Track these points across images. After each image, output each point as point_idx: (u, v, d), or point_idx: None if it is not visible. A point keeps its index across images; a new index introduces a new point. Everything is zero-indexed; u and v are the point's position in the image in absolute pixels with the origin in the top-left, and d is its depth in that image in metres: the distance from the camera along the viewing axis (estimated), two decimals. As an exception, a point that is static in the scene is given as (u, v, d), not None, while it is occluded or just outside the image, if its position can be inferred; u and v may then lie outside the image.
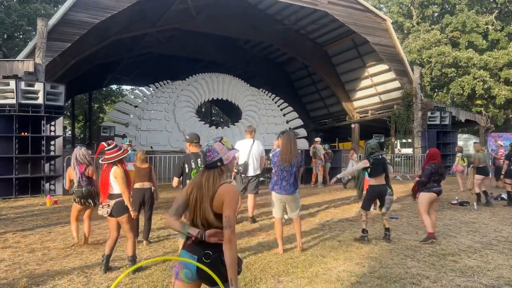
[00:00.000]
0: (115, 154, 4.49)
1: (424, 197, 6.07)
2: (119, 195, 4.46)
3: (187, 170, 4.71)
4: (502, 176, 9.70)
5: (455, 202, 9.62)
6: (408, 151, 23.69)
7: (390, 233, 6.06)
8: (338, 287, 4.10)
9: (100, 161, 4.67)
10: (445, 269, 4.69)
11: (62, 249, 5.56)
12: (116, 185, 4.46)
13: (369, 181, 9.14)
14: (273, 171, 5.56)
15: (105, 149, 4.53)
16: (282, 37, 20.58)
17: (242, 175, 7.16)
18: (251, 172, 7.26)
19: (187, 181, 4.59)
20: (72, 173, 5.64)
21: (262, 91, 20.93)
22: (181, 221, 2.38)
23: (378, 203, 6.35)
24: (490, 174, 11.82)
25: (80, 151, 5.61)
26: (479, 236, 6.38)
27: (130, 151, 8.93)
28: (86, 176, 5.60)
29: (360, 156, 12.95)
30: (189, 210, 2.37)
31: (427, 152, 6.53)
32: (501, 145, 13.57)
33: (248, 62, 24.71)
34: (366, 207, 6.17)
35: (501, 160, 12.21)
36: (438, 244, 5.78)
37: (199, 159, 4.67)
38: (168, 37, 20.71)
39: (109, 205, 4.46)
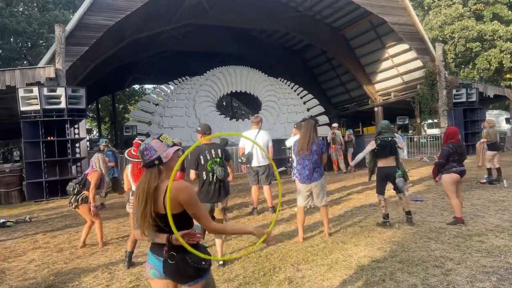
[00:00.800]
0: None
1: (446, 179, 5.83)
2: None
3: (202, 162, 4.69)
4: None
5: (484, 180, 9.30)
6: (435, 131, 23.07)
7: (411, 216, 5.91)
8: (358, 273, 4.05)
9: (130, 158, 4.75)
10: (470, 250, 4.55)
11: (89, 247, 5.73)
12: None
13: None
14: (295, 160, 5.48)
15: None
16: (297, 24, 20.32)
17: (247, 165, 7.11)
18: (255, 163, 7.20)
19: (203, 172, 4.61)
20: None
21: (280, 80, 20.79)
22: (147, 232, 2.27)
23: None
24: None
25: (97, 156, 5.78)
26: (508, 214, 6.14)
27: (106, 152, 9.05)
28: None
29: None
30: (139, 214, 2.24)
31: (445, 131, 6.26)
32: None
33: (265, 52, 24.59)
34: (379, 191, 6.04)
35: None
36: (465, 225, 5.61)
37: (213, 149, 4.66)
38: (184, 33, 20.84)
39: None
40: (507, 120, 23.71)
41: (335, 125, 14.15)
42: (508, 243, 4.71)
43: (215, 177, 4.60)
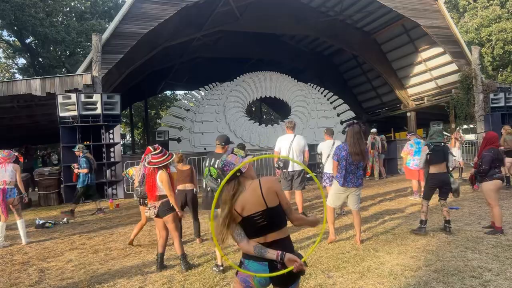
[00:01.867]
0: (161, 159, 4.68)
1: (489, 186, 5.59)
2: (165, 196, 4.66)
3: (207, 164, 4.88)
4: None
5: (524, 189, 8.90)
6: (471, 137, 22.26)
7: (450, 225, 5.73)
8: (391, 282, 3.96)
9: (145, 164, 4.88)
10: (510, 260, 4.37)
11: (123, 249, 5.89)
12: (162, 187, 4.66)
13: (410, 169, 8.78)
14: (338, 165, 5.40)
15: (152, 153, 4.73)
16: (328, 29, 20.18)
17: (284, 170, 7.11)
18: (290, 168, 7.19)
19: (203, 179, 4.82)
20: (137, 172, 5.67)
21: (310, 85, 20.68)
22: (255, 245, 2.31)
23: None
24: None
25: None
26: (551, 224, 5.85)
27: (81, 158, 9.06)
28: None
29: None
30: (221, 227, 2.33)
31: (484, 136, 6.03)
32: None
33: (295, 57, 24.54)
34: (426, 196, 5.88)
35: None
36: (504, 235, 5.39)
37: (213, 158, 4.88)
38: (215, 40, 21.13)
39: (155, 207, 4.67)
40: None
41: (374, 130, 13.90)
42: (551, 254, 4.49)
43: (208, 186, 4.86)
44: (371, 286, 3.89)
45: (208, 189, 4.95)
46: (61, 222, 8.26)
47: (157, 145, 4.88)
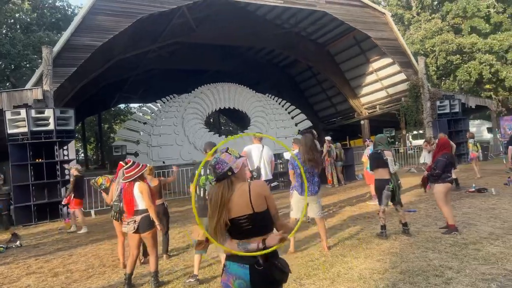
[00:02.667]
0: (135, 171, 4.61)
1: (440, 188, 5.94)
2: (145, 211, 4.54)
3: (202, 173, 4.84)
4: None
5: (473, 189, 9.49)
6: (420, 142, 23.45)
7: (408, 227, 6.00)
8: (361, 285, 4.08)
9: (120, 181, 4.75)
10: (467, 258, 4.63)
11: (85, 270, 5.63)
12: (141, 200, 4.55)
13: (370, 174, 9.14)
14: (294, 173, 5.52)
15: (124, 168, 4.63)
16: (283, 41, 20.66)
17: (258, 179, 7.16)
18: (263, 177, 7.26)
19: (197, 187, 4.74)
20: (114, 187, 5.50)
21: (268, 96, 20.98)
22: (236, 242, 2.30)
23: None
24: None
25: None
26: (500, 222, 6.28)
27: None
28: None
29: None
30: (213, 226, 2.33)
31: (438, 141, 6.42)
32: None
33: (252, 69, 24.85)
34: (379, 202, 6.11)
35: None
36: (459, 234, 5.71)
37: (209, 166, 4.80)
38: (171, 52, 20.95)
39: (135, 221, 4.52)
40: (489, 130, 24.32)
41: (328, 138, 14.28)
42: (503, 250, 4.81)
43: (206, 192, 4.72)
44: (342, 291, 3.97)
45: (207, 197, 4.84)
46: (13, 246, 7.75)
47: (128, 159, 4.79)
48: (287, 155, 8.03)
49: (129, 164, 4.66)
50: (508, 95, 26.75)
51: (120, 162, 4.77)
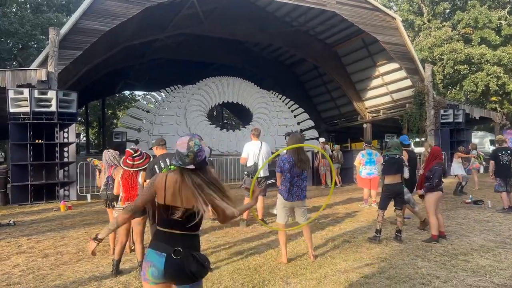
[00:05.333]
0: (142, 161, 4.76)
1: (432, 197, 5.97)
2: None
3: (157, 171, 4.80)
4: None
5: (469, 201, 9.48)
6: (421, 150, 23.40)
7: (401, 235, 5.99)
8: (347, 288, 4.08)
9: (124, 167, 4.77)
10: (456, 268, 4.63)
11: (75, 253, 5.65)
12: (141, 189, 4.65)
13: (362, 178, 9.19)
14: (281, 177, 5.14)
15: (133, 155, 4.74)
16: (291, 39, 20.58)
17: (250, 177, 7.17)
18: (261, 173, 7.26)
19: None
20: (102, 175, 5.69)
21: (272, 93, 20.95)
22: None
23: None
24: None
25: (108, 153, 5.50)
26: (493, 234, 6.27)
27: None
28: (113, 179, 5.43)
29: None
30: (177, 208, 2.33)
31: (431, 150, 6.39)
32: None
33: (258, 65, 24.79)
34: (382, 206, 6.07)
35: None
36: (450, 244, 5.70)
37: (167, 158, 4.86)
38: (179, 42, 20.89)
39: None
40: (491, 142, 24.23)
41: (322, 139, 14.30)
42: (492, 263, 4.81)
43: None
44: (328, 293, 3.98)
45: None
46: (7, 224, 7.79)
47: (135, 147, 4.84)
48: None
49: (138, 153, 4.76)
50: (513, 108, 26.66)
51: (128, 150, 4.78)
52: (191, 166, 2.29)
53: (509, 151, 8.56)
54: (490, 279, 4.26)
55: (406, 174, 6.14)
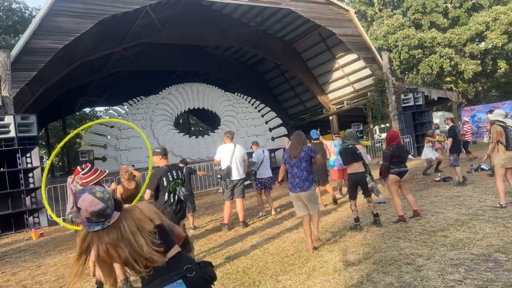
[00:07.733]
0: (93, 177, 4.41)
1: (388, 181, 6.24)
2: None
3: (165, 184, 4.73)
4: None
5: (438, 178, 9.84)
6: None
7: (379, 218, 6.16)
8: (336, 278, 4.14)
9: (74, 186, 4.57)
10: (436, 245, 4.79)
11: (55, 281, 5.44)
12: None
13: (335, 170, 9.41)
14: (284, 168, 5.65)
15: (81, 173, 4.44)
16: (250, 39, 20.66)
17: (227, 179, 7.16)
18: (235, 176, 7.25)
19: (166, 194, 4.75)
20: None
21: (237, 95, 20.97)
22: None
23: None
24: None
25: (70, 179, 5.35)
26: (465, 208, 6.54)
27: None
28: None
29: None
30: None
31: (386, 135, 6.64)
32: (467, 121, 14.20)
33: (221, 68, 24.72)
34: (350, 196, 6.26)
35: (467, 135, 12.83)
36: (427, 222, 5.90)
37: (174, 171, 4.83)
38: (137, 53, 20.49)
39: None
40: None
41: (286, 140, 14.41)
42: (469, 235, 5.01)
43: (176, 197, 4.76)
44: (319, 285, 4.02)
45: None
46: (-24, 260, 7.38)
47: (84, 164, 4.61)
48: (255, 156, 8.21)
49: (86, 170, 4.47)
50: (467, 86, 27.89)
51: (77, 168, 4.58)
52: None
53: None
54: (469, 251, 4.44)
55: (367, 160, 6.35)
